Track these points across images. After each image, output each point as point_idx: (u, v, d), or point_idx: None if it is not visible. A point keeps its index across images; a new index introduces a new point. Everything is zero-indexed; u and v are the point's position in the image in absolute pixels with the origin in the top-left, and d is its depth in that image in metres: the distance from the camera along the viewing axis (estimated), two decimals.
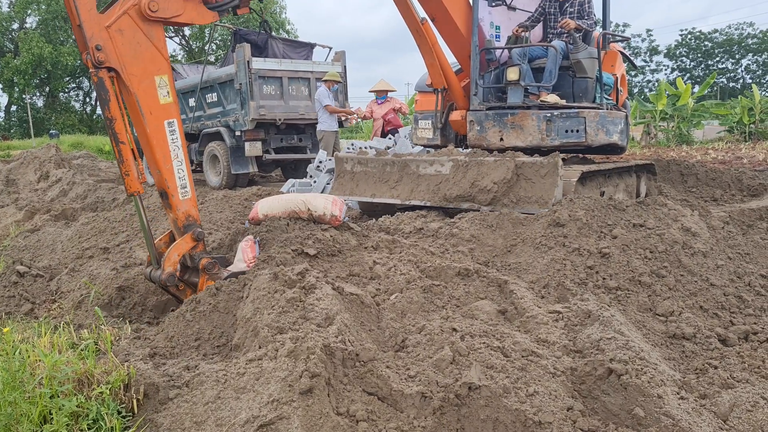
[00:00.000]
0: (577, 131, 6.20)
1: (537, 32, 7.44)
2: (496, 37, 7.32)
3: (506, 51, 7.02)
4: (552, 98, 6.42)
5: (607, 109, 6.57)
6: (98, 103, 4.07)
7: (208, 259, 4.41)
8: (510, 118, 6.49)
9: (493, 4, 7.07)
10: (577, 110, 6.26)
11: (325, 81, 11.29)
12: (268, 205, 5.14)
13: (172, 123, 4.28)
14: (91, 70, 3.94)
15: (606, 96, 6.75)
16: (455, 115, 7.15)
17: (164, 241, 4.49)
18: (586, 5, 6.71)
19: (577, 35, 6.61)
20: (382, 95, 11.76)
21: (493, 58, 7.09)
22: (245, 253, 4.66)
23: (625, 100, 7.28)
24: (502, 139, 6.55)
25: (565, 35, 6.77)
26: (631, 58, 8.31)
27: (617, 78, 7.08)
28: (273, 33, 15.16)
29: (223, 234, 6.01)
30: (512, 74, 6.54)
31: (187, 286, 4.49)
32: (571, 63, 6.65)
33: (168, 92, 4.24)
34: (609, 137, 6.39)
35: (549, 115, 6.26)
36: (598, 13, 7.20)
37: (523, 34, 6.94)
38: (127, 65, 4.05)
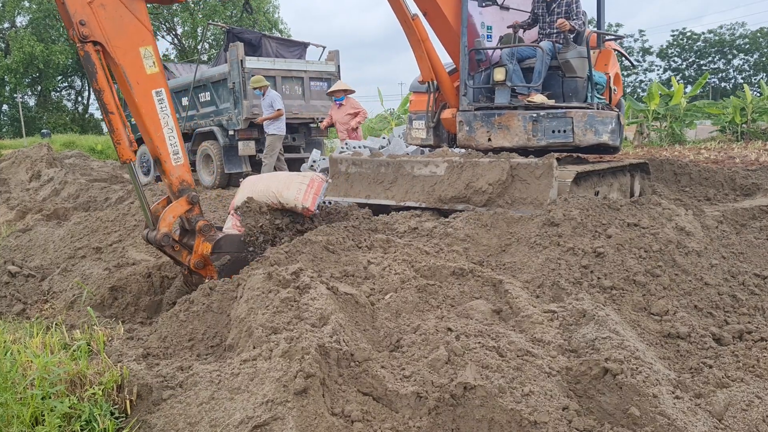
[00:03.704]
0: (565, 131, 6.19)
1: (532, 32, 7.44)
2: (488, 38, 7.32)
3: (498, 51, 7.02)
4: (539, 98, 6.42)
5: (599, 108, 6.55)
6: (87, 78, 4.27)
7: (205, 222, 4.59)
8: (497, 119, 6.51)
9: (484, 4, 7.07)
10: (564, 110, 6.25)
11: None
12: (250, 191, 5.11)
13: (160, 92, 4.39)
14: (77, 45, 4.05)
15: (598, 95, 6.74)
16: (446, 113, 7.18)
17: (162, 205, 4.62)
18: (574, 5, 6.67)
19: (570, 36, 6.62)
20: (339, 96, 10.97)
21: (483, 58, 7.09)
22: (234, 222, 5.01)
23: (619, 99, 7.25)
24: (490, 140, 6.57)
25: (555, 35, 6.77)
26: (629, 57, 8.28)
27: (610, 77, 7.07)
28: (266, 32, 15.10)
29: None
30: (499, 75, 6.58)
31: (184, 248, 4.63)
32: (559, 63, 6.64)
33: (154, 62, 4.34)
34: (598, 137, 6.36)
35: (535, 115, 6.26)
36: (592, 13, 7.21)
37: (515, 33, 6.96)
38: (112, 39, 4.15)
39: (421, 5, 6.77)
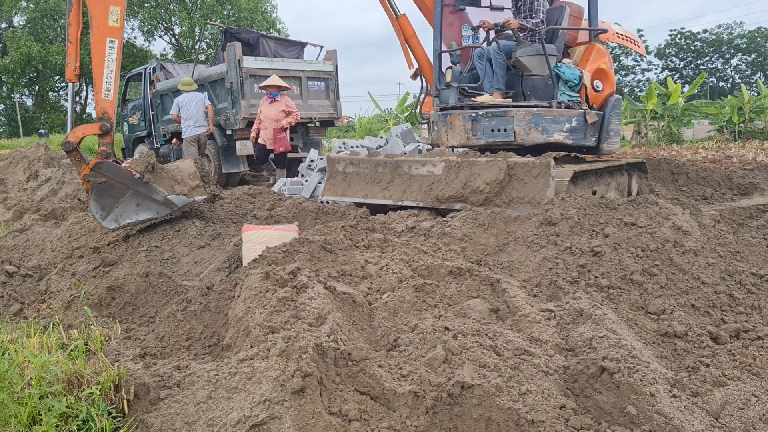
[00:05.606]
0: (505, 130, 6.22)
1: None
2: (473, 39, 7.39)
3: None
4: (484, 98, 6.49)
5: (562, 107, 6.38)
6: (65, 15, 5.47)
7: (105, 149, 5.83)
8: (448, 119, 6.68)
9: (461, 7, 7.17)
10: (504, 109, 6.27)
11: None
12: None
13: (113, 41, 5.62)
14: None
15: (570, 92, 6.51)
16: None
17: None
18: (535, 3, 6.59)
19: (522, 35, 6.58)
20: (274, 92, 10.34)
21: (456, 60, 7.16)
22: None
23: (609, 96, 6.93)
24: (448, 139, 6.75)
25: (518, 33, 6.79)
26: (636, 47, 8.04)
27: (584, 73, 6.63)
28: (264, 32, 15.07)
29: (213, 231, 5.98)
30: (447, 76, 6.72)
31: (84, 161, 5.85)
32: (511, 62, 6.61)
33: (117, 19, 5.58)
34: (546, 136, 6.23)
35: (474, 114, 6.36)
36: (585, 12, 7.17)
37: (487, 32, 7.06)
38: None
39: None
